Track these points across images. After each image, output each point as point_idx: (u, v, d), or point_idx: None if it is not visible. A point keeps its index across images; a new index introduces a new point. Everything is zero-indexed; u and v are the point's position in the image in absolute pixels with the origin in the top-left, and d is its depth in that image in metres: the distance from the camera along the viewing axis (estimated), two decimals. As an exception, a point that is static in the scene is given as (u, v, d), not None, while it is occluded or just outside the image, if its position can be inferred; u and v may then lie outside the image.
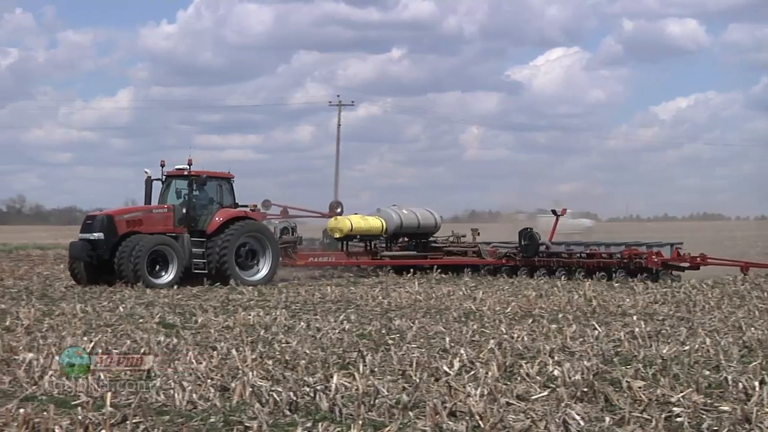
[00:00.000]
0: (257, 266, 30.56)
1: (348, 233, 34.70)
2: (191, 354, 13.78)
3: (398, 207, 36.23)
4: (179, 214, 29.87)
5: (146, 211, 29.88)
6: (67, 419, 9.74)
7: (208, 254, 29.59)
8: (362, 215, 35.63)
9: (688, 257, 31.56)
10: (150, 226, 29.33)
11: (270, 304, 22.91)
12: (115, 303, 22.63)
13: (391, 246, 36.29)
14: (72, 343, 14.92)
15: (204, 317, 19.40)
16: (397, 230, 35.59)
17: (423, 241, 36.46)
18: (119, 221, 29.02)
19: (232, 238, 29.70)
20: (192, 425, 9.94)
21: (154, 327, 17.82)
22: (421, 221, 36.00)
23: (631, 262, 31.20)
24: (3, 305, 21.89)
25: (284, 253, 32.76)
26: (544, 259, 33.56)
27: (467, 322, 18.87)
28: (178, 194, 30.45)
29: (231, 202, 30.83)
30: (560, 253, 33.69)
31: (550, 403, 10.82)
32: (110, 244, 28.61)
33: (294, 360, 13.62)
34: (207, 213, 30.23)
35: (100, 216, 29.47)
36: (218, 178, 30.91)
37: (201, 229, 29.91)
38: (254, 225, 30.75)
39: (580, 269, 32.21)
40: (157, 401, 10.90)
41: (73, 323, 18.28)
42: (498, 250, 35.10)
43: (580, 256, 32.94)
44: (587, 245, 33.95)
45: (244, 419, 10.00)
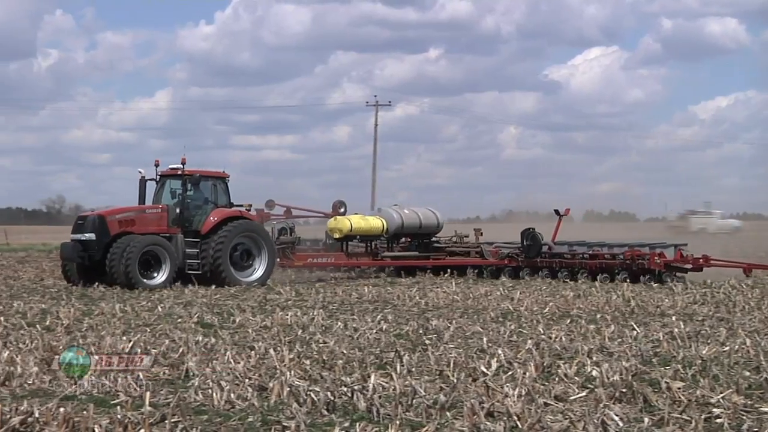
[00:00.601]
0: (253, 267, 30.06)
1: (348, 233, 34.06)
2: (229, 354, 13.82)
3: (399, 207, 35.74)
4: (173, 214, 29.42)
5: (139, 211, 29.43)
6: (107, 418, 9.80)
7: (203, 255, 29.10)
8: (362, 215, 35.17)
9: (691, 258, 31.13)
10: (143, 226, 28.87)
11: (307, 304, 22.95)
12: (154, 303, 22.74)
13: (393, 246, 35.82)
14: (111, 342, 15.02)
15: (242, 317, 19.46)
16: (399, 230, 35.01)
17: (425, 241, 35.93)
18: (111, 221, 28.58)
19: (226, 238, 29.21)
20: (230, 425, 9.97)
21: (192, 327, 17.90)
22: (423, 221, 35.47)
23: (634, 263, 30.80)
24: (43, 305, 22.05)
25: (282, 253, 32.42)
26: (547, 260, 33.14)
27: (505, 322, 18.83)
28: (173, 194, 29.95)
29: (226, 202, 30.32)
30: (563, 253, 33.26)
31: (588, 403, 10.77)
32: (102, 244, 28.17)
33: (331, 360, 13.63)
34: (201, 213, 29.80)
35: (91, 216, 29.08)
36: (213, 177, 30.42)
37: (195, 230, 29.48)
38: (249, 225, 30.26)
39: (582, 270, 31.83)
40: (195, 401, 10.94)
41: (113, 323, 18.39)
42: (500, 250, 34.57)
43: (582, 257, 32.53)
44: (590, 246, 33.44)
45: (282, 419, 10.01)
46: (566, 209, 35.41)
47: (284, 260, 32.58)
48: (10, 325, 17.64)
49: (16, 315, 19.63)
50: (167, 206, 29.50)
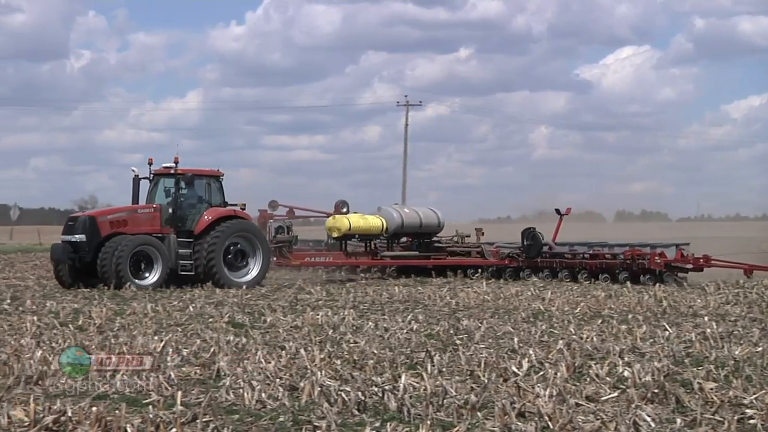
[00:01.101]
0: (247, 267, 29.52)
1: (346, 232, 33.57)
2: (260, 353, 13.85)
3: (400, 206, 35.37)
4: (166, 214, 28.92)
5: (131, 211, 28.92)
6: (139, 417, 9.85)
7: (196, 255, 28.60)
8: (362, 214, 34.56)
9: (692, 258, 30.77)
10: (135, 226, 28.39)
11: (338, 304, 22.97)
12: (185, 303, 22.83)
13: (393, 246, 35.36)
14: (143, 342, 15.08)
15: (273, 317, 19.50)
16: (398, 230, 34.46)
17: (426, 241, 35.44)
18: (102, 222, 28.14)
19: (219, 238, 28.70)
20: (261, 424, 9.99)
21: (223, 326, 17.95)
22: (424, 220, 34.94)
23: (634, 263, 30.45)
24: (76, 304, 22.18)
25: (279, 252, 32.14)
26: (547, 260, 32.77)
27: (536, 322, 18.79)
28: (167, 193, 29.45)
29: (220, 201, 29.80)
30: (563, 253, 32.86)
31: (620, 404, 10.73)
32: (93, 245, 27.72)
33: (362, 360, 13.63)
34: (195, 212, 29.27)
35: (82, 217, 28.66)
36: (206, 176, 29.94)
37: (189, 229, 28.95)
38: (243, 224, 29.75)
39: (583, 271, 31.51)
40: (226, 400, 10.97)
41: (144, 323, 18.47)
42: (501, 250, 34.17)
43: (582, 257, 32.15)
44: (591, 246, 33.07)
45: (313, 419, 10.02)
46: (567, 209, 34.81)
47: (281, 259, 32.28)
48: (43, 324, 17.74)
49: (49, 315, 19.75)
50: (160, 206, 29.06)
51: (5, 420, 9.78)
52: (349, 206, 34.75)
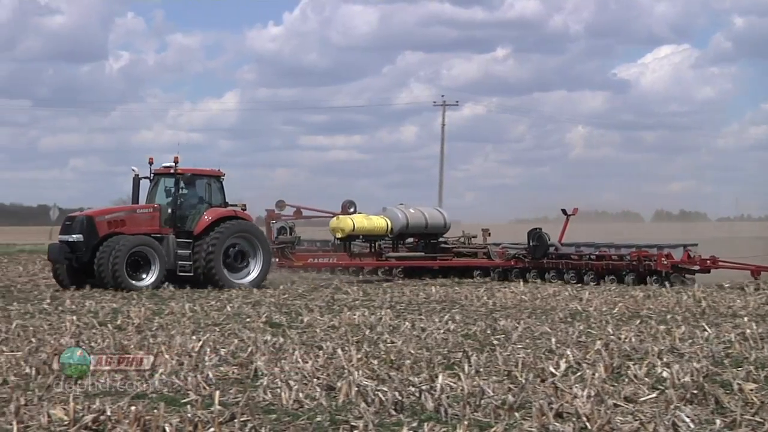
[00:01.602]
0: (247, 268, 29.00)
1: (350, 233, 33.11)
2: (297, 353, 13.88)
3: (405, 206, 34.72)
4: (165, 214, 28.51)
5: (129, 211, 28.58)
6: (177, 417, 9.89)
7: (195, 256, 28.13)
8: (366, 214, 33.99)
9: (699, 259, 30.41)
10: (133, 226, 27.98)
11: (375, 304, 22.99)
12: (223, 302, 22.93)
13: (398, 247, 34.95)
14: (181, 342, 15.15)
15: (310, 317, 19.54)
16: (403, 230, 34.02)
17: (432, 241, 34.98)
18: (99, 222, 27.77)
19: (219, 239, 28.22)
20: (298, 424, 10.01)
21: (260, 326, 18.00)
22: (429, 221, 34.48)
23: (641, 264, 30.08)
24: (114, 304, 22.33)
25: (281, 253, 31.88)
26: (553, 261, 32.32)
27: (573, 322, 18.72)
28: (167, 193, 29.03)
29: (221, 201, 29.34)
30: (570, 254, 32.41)
31: (658, 405, 10.67)
32: (90, 245, 27.33)
33: (399, 360, 13.63)
34: (195, 213, 28.84)
35: (79, 217, 28.31)
36: (207, 176, 29.52)
37: (189, 230, 28.50)
38: (244, 225, 29.19)
39: (589, 272, 31.11)
40: (264, 400, 11.00)
41: (182, 322, 18.56)
42: (507, 251, 33.81)
43: (589, 258, 31.73)
44: (598, 246, 32.60)
45: (350, 418, 10.03)
46: (574, 209, 34.35)
47: (283, 260, 31.99)
48: (82, 324, 17.87)
49: (88, 314, 19.89)
50: (160, 206, 28.70)
51: (45, 419, 9.86)
52: (356, 206, 34.34)
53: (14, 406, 10.12)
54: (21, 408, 10.14)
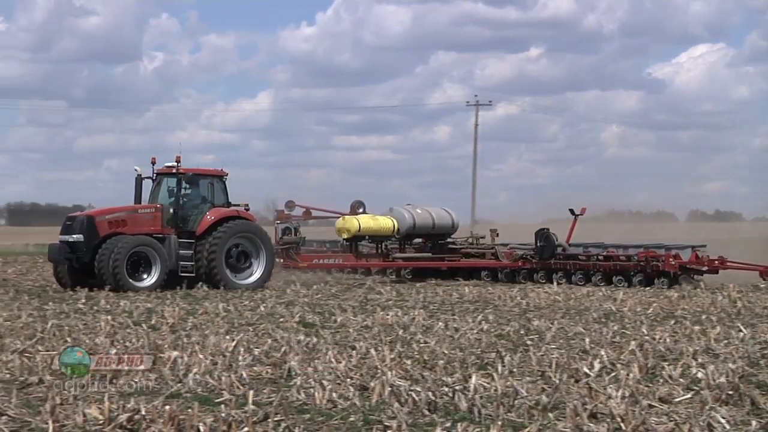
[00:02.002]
0: (250, 269, 28.81)
1: (356, 234, 32.71)
2: (331, 353, 13.90)
3: (412, 206, 34.27)
4: (167, 214, 28.31)
5: (131, 211, 28.29)
6: (211, 416, 9.92)
7: (197, 256, 27.92)
8: (372, 215, 33.61)
9: (707, 260, 29.97)
10: (135, 226, 27.75)
11: (408, 304, 22.99)
12: (256, 302, 22.99)
13: (405, 247, 34.44)
14: (215, 341, 15.20)
15: (343, 317, 19.55)
16: (410, 231, 33.50)
17: (440, 242, 34.46)
18: (100, 222, 27.52)
19: (221, 239, 28.00)
20: (332, 424, 10.02)
21: (294, 326, 18.03)
22: (437, 221, 33.88)
23: (648, 265, 29.69)
24: (149, 304, 22.43)
25: (285, 254, 31.60)
26: (561, 261, 31.80)
27: (607, 323, 18.63)
28: (170, 193, 28.78)
29: (223, 201, 29.11)
30: (577, 255, 31.91)
31: (693, 406, 10.61)
32: (90, 246, 27.10)
33: (432, 360, 13.62)
34: (197, 213, 28.58)
35: (80, 217, 28.06)
36: (209, 176, 29.28)
37: (191, 230, 28.26)
38: (246, 225, 28.92)
39: (597, 273, 30.69)
40: (297, 400, 11.02)
41: (216, 322, 18.63)
42: (515, 252, 33.37)
43: (597, 258, 31.30)
44: (605, 247, 32.11)
45: (384, 418, 10.03)
46: (582, 209, 33.45)
47: (288, 261, 31.71)
48: (117, 323, 17.98)
49: (123, 314, 20.01)
50: (162, 206, 28.47)
51: (81, 418, 9.92)
52: (365, 207, 34.06)
53: (50, 405, 10.18)
54: (57, 407, 10.21)
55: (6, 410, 10.21)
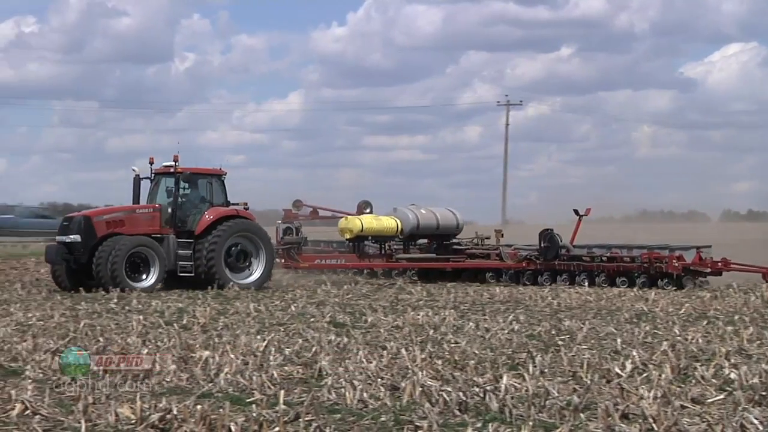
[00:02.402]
0: (250, 268, 28.56)
1: (359, 234, 32.33)
2: (361, 353, 13.90)
3: (416, 207, 33.83)
4: (166, 214, 28.05)
5: (129, 211, 28.14)
6: (242, 416, 9.94)
7: (196, 256, 27.71)
8: (376, 215, 33.20)
9: (710, 262, 29.47)
10: (133, 227, 27.56)
11: (438, 304, 22.97)
12: (287, 302, 23.02)
13: (409, 248, 34.07)
14: (246, 341, 15.24)
15: (374, 317, 19.56)
16: (414, 231, 33.13)
17: (445, 243, 33.99)
18: (98, 222, 27.34)
19: (220, 238, 27.77)
20: (363, 424, 10.02)
21: (325, 326, 18.05)
22: (441, 222, 33.50)
23: (652, 266, 29.18)
24: (180, 304, 22.52)
25: (287, 254, 31.29)
26: (565, 262, 31.22)
27: (639, 323, 18.55)
28: (169, 193, 28.52)
29: (222, 201, 28.87)
30: (581, 256, 31.34)
31: (726, 406, 10.54)
32: (88, 246, 26.91)
33: (463, 360, 13.60)
34: (196, 212, 28.39)
35: (77, 217, 27.85)
36: (208, 175, 29.06)
37: (190, 230, 28.07)
38: (245, 224, 28.65)
39: (601, 274, 30.19)
40: (328, 399, 11.03)
41: (247, 322, 18.68)
42: (519, 252, 32.79)
43: (600, 260, 30.78)
44: (609, 248, 31.53)
45: (415, 419, 10.03)
46: (587, 209, 32.92)
47: (289, 261, 31.40)
48: (148, 323, 18.05)
49: (155, 314, 20.09)
50: (160, 206, 28.26)
51: (113, 417, 9.97)
52: (372, 207, 33.75)
53: (82, 405, 10.25)
54: (89, 406, 10.27)
55: (39, 409, 10.27)
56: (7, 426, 9.76)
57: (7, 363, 13.38)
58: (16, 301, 23.34)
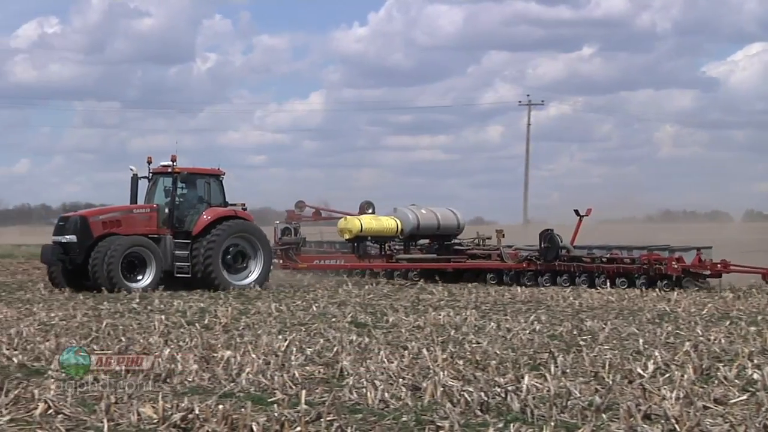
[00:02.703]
0: (248, 269, 28.34)
1: (357, 234, 32.18)
2: (383, 353, 13.90)
3: (417, 207, 33.60)
4: (163, 214, 27.91)
5: (126, 211, 27.96)
6: (264, 416, 9.95)
7: (194, 256, 27.50)
8: (375, 215, 33.15)
9: (709, 264, 29.03)
10: (129, 227, 27.38)
11: (460, 305, 22.95)
12: (309, 302, 23.05)
13: (410, 248, 33.87)
14: (268, 341, 15.26)
15: (395, 317, 19.56)
16: (414, 231, 32.98)
17: (446, 243, 33.84)
18: (94, 222, 27.12)
19: (218, 238, 27.56)
20: (384, 424, 10.01)
21: (346, 326, 18.06)
22: (442, 222, 33.33)
23: (651, 268, 28.84)
24: (202, 304, 22.58)
25: (285, 254, 31.05)
26: (565, 263, 30.93)
27: (661, 323, 18.49)
28: (167, 193, 28.39)
29: (221, 201, 28.66)
30: (581, 257, 31.01)
31: (749, 407, 10.48)
32: (84, 247, 26.74)
33: (485, 360, 13.58)
34: (194, 212, 28.18)
35: (73, 217, 27.59)
36: (206, 175, 28.89)
37: (187, 230, 27.86)
38: (243, 225, 28.45)
39: (601, 275, 29.85)
40: (350, 399, 11.03)
41: (268, 322, 18.70)
42: (519, 253, 32.56)
43: (600, 261, 30.45)
44: (609, 249, 31.20)
45: (436, 419, 10.01)
46: (587, 209, 32.48)
47: (287, 262, 31.15)
48: (170, 323, 18.10)
49: (177, 313, 20.14)
50: (157, 206, 28.09)
51: (135, 417, 10.00)
52: (374, 207, 33.52)
53: (105, 404, 10.28)
54: (111, 406, 10.30)
55: (62, 409, 10.31)
56: (30, 425, 9.80)
57: (30, 362, 13.43)
58: (39, 301, 23.46)
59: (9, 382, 11.54)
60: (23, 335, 16.08)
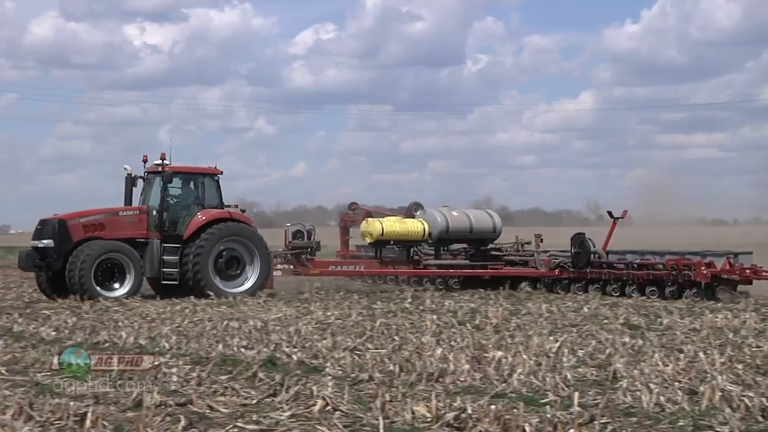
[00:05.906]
0: (243, 275, 26.44)
1: (379, 238, 29.73)
2: (657, 356, 13.59)
3: (448, 208, 30.94)
4: (153, 217, 26.12)
5: (110, 213, 26.13)
6: (536, 417, 9.90)
7: (183, 261, 25.72)
8: (400, 217, 30.63)
9: (739, 269, 25.34)
10: (114, 230, 25.64)
11: (738, 307, 22.18)
12: (580, 304, 22.85)
13: (441, 254, 31.09)
14: (539, 342, 15.19)
15: (669, 319, 19.11)
16: (443, 235, 30.10)
17: (482, 248, 31.04)
18: (74, 226, 25.32)
19: (207, 243, 25.73)
20: (660, 428, 9.79)
21: (618, 328, 17.78)
22: (475, 225, 30.43)
23: (680, 274, 25.59)
24: (472, 304, 22.75)
25: (296, 260, 28.67)
26: (596, 270, 28.10)
27: None
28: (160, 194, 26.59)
29: (216, 202, 26.88)
30: (613, 263, 27.95)
31: None
32: (62, 251, 24.99)
33: (766, 365, 13.05)
34: (186, 215, 26.46)
35: (51, 220, 25.71)
36: (199, 174, 27.05)
37: (179, 233, 26.12)
38: (238, 228, 26.51)
39: (631, 282, 26.88)
40: (623, 402, 10.83)
41: (539, 322, 18.64)
42: (554, 259, 29.68)
43: (631, 267, 27.27)
44: (642, 254, 27.95)
45: (715, 424, 9.71)
46: (624, 211, 29.42)
47: (298, 267, 28.74)
48: (442, 323, 18.31)
49: (448, 314, 20.37)
50: (147, 208, 26.34)
51: (409, 415, 10.15)
52: (423, 209, 30.97)
53: (380, 402, 10.49)
54: (386, 404, 10.50)
55: (339, 405, 10.59)
56: (309, 421, 10.11)
57: (308, 360, 13.85)
58: (316, 301, 24.26)
59: (289, 378, 11.96)
60: (301, 333, 16.65)
